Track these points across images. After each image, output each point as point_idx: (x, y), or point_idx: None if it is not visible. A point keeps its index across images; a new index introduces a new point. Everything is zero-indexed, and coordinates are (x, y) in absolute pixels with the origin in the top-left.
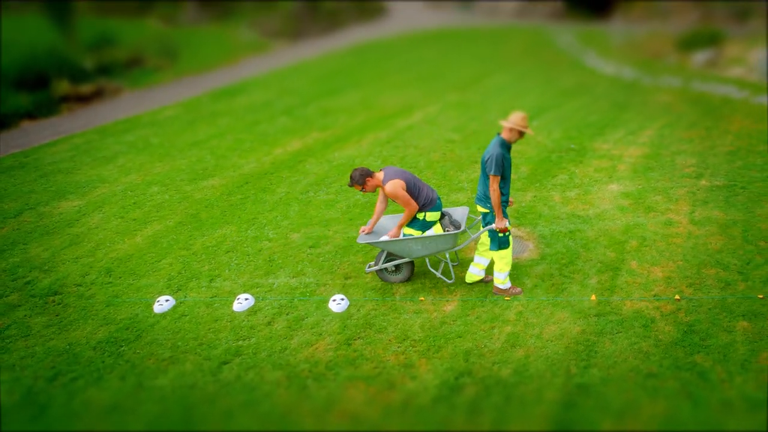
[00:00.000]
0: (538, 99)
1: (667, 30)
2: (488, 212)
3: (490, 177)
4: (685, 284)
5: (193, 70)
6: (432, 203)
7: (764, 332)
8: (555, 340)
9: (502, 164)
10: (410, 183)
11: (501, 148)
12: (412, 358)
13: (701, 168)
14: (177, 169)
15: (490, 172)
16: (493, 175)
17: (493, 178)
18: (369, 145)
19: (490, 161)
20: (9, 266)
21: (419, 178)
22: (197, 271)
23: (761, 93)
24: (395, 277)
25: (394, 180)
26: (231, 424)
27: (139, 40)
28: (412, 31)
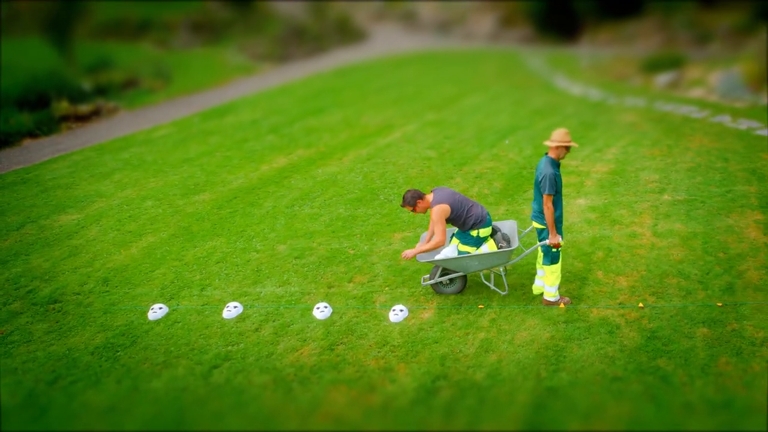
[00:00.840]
0: (510, 118)
1: (631, 53)
2: (544, 228)
3: (544, 196)
4: (648, 293)
5: (185, 91)
6: (483, 220)
7: (723, 338)
8: (526, 345)
9: (555, 183)
10: (456, 206)
11: (552, 168)
12: (391, 362)
13: (664, 183)
14: (170, 184)
15: (544, 192)
16: (548, 194)
17: (546, 197)
18: (351, 162)
19: (544, 181)
20: (12, 276)
21: (468, 198)
22: (189, 280)
23: (720, 113)
24: (449, 289)
25: (441, 205)
26: (221, 425)
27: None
28: (392, 55)
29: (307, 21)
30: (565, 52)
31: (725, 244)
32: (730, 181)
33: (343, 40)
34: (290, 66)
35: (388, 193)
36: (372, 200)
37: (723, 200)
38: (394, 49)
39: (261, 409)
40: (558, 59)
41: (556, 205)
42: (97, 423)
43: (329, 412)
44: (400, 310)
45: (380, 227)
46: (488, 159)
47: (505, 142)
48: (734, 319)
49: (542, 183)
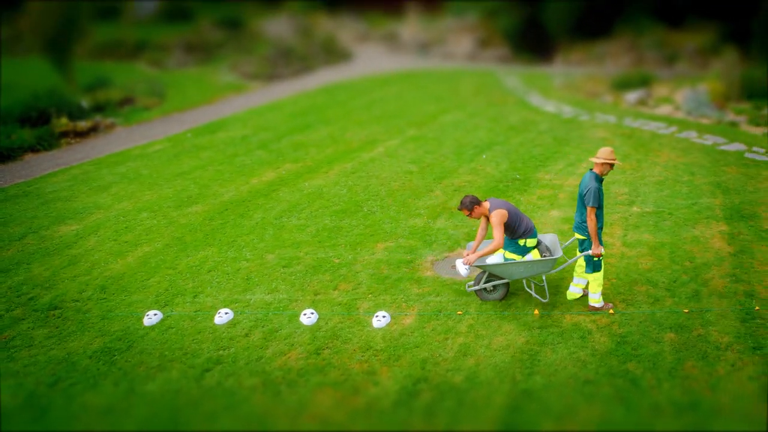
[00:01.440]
0: (487, 134)
1: (602, 72)
2: (585, 239)
3: (588, 208)
4: (618, 300)
5: (178, 108)
6: (530, 231)
7: (689, 343)
8: (502, 350)
9: (599, 196)
10: (513, 213)
11: (596, 182)
12: (374, 366)
13: (633, 196)
14: (164, 197)
15: (588, 204)
16: (591, 207)
17: (590, 209)
18: (336, 176)
19: (589, 194)
20: (14, 284)
21: (519, 210)
22: (182, 288)
23: (686, 129)
24: (492, 296)
25: (500, 210)
26: (213, 425)
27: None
28: (375, 74)
29: (294, 42)
30: (539, 71)
31: (691, 253)
32: (696, 194)
33: (329, 60)
34: (278, 84)
35: (372, 205)
36: (356, 212)
37: (689, 212)
38: (377, 68)
39: (251, 410)
40: (533, 78)
41: (599, 217)
42: (96, 423)
43: (316, 413)
44: (383, 316)
45: (364, 237)
46: (466, 173)
47: (482, 157)
48: (700, 325)
49: (587, 196)
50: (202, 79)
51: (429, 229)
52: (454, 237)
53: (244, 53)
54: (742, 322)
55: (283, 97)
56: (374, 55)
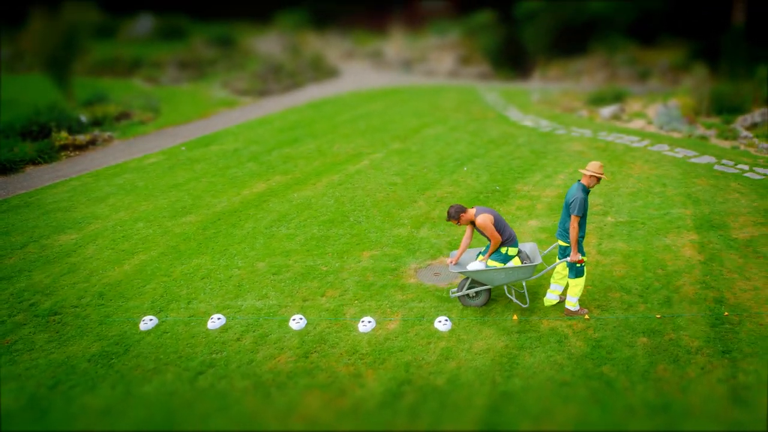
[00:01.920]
0: (468, 147)
1: (578, 88)
2: (568, 246)
3: (572, 216)
4: (593, 305)
5: (173, 122)
6: (512, 240)
7: (661, 347)
8: (482, 353)
9: (584, 206)
10: (498, 220)
11: (583, 193)
12: (360, 369)
13: (607, 206)
14: (159, 207)
15: (573, 213)
16: (575, 215)
17: (574, 217)
18: (324, 187)
19: (575, 203)
20: (16, 290)
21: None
22: (177, 294)
23: (658, 142)
24: (475, 302)
25: (485, 214)
26: (206, 426)
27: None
28: (361, 90)
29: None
30: (518, 87)
31: (663, 261)
32: (668, 205)
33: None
34: (268, 100)
35: (358, 215)
36: (343, 222)
37: (661, 222)
38: (363, 84)
39: (242, 411)
40: (511, 93)
41: (581, 226)
42: (94, 424)
43: (304, 414)
44: (369, 321)
45: (350, 246)
46: (448, 184)
47: (463, 169)
48: (671, 330)
49: (572, 204)
50: (196, 95)
51: (412, 238)
52: (436, 246)
53: (236, 70)
54: (711, 327)
55: (273, 112)
56: (360, 72)
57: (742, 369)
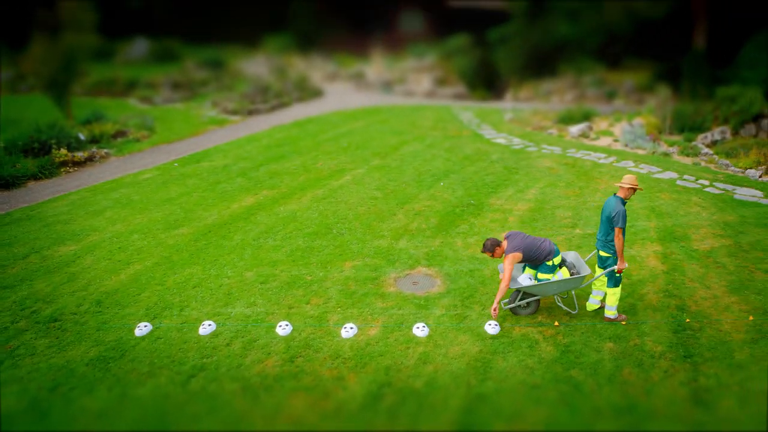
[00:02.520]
0: (444, 164)
1: (548, 108)
2: (610, 256)
3: (616, 228)
4: (562, 312)
5: (166, 140)
6: (552, 253)
7: (627, 352)
8: (458, 358)
9: (626, 218)
10: (527, 250)
11: (622, 205)
12: (343, 372)
13: (576, 219)
14: (153, 220)
15: (617, 225)
16: (619, 227)
17: (618, 229)
18: (308, 201)
19: (618, 216)
20: (18, 298)
21: (536, 237)
22: (170, 302)
23: (624, 159)
24: (525, 311)
25: (513, 254)
26: (198, 426)
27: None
28: (344, 109)
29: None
30: (491, 106)
31: (628, 271)
32: (633, 218)
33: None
34: (256, 119)
35: (340, 228)
36: (326, 234)
37: (627, 234)
38: (345, 104)
39: (232, 412)
40: (485, 113)
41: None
42: (92, 424)
43: (290, 415)
44: (351, 327)
45: (333, 257)
46: (426, 198)
47: (440, 185)
48: (636, 336)
49: (615, 218)
50: (188, 114)
51: (392, 249)
52: (415, 256)
53: (225, 90)
54: (674, 333)
55: (260, 130)
56: (342, 93)
57: (702, 373)
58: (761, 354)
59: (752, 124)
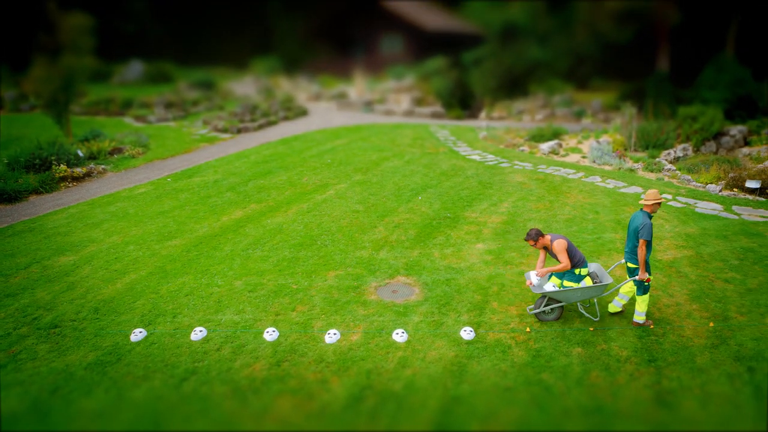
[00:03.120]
0: (422, 179)
1: (520, 126)
2: (637, 267)
3: (641, 240)
4: (533, 319)
5: (160, 157)
6: (583, 262)
7: (594, 356)
8: (435, 362)
9: (652, 231)
10: (570, 245)
11: (649, 219)
12: (326, 375)
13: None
14: (148, 232)
15: (642, 237)
16: (645, 240)
17: (643, 241)
18: (294, 214)
19: (644, 229)
20: (20, 306)
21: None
22: (163, 309)
23: (591, 174)
24: (550, 317)
25: (560, 240)
26: (190, 426)
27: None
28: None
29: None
30: (466, 125)
31: None
32: (600, 230)
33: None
34: (245, 137)
35: (324, 239)
36: (311, 245)
37: (594, 245)
38: (329, 123)
39: (222, 413)
40: (461, 131)
41: (648, 248)
42: (90, 425)
43: (277, 416)
44: (334, 333)
45: (317, 267)
46: (405, 212)
47: (418, 198)
48: (603, 341)
49: (642, 231)
50: (180, 132)
51: (373, 260)
52: (394, 266)
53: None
54: (638, 339)
55: (248, 147)
56: (326, 112)
57: (666, 376)
58: (721, 358)
59: (713, 141)
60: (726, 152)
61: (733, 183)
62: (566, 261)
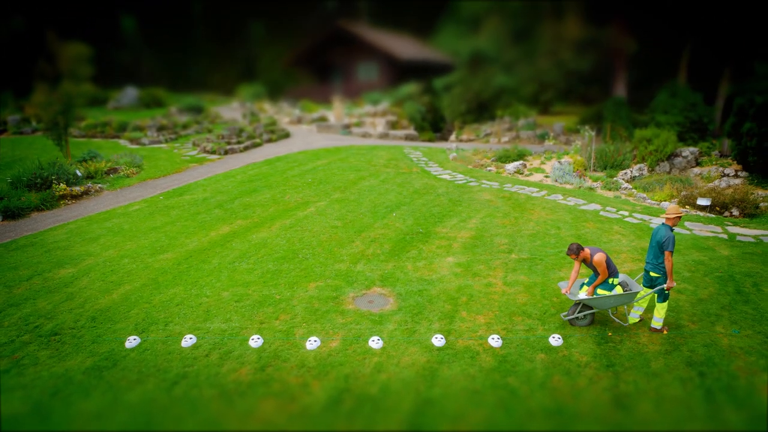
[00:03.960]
0: (396, 197)
1: (487, 148)
2: (660, 276)
3: (666, 252)
4: (500, 327)
5: (153, 176)
6: (615, 273)
7: (556, 362)
8: (408, 367)
9: (674, 242)
10: (608, 258)
11: (672, 232)
12: (307, 379)
13: (511, 246)
14: (141, 246)
15: (667, 249)
16: (669, 251)
17: (669, 253)
18: (277, 230)
19: (668, 242)
20: (23, 315)
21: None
22: (156, 318)
23: (554, 192)
24: (583, 323)
25: (600, 253)
26: (181, 426)
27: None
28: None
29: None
30: (437, 146)
31: (557, 291)
32: (562, 244)
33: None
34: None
35: (305, 253)
36: (293, 258)
37: (556, 258)
38: (310, 145)
39: (210, 414)
40: (432, 152)
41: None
42: (88, 425)
43: (262, 417)
44: (315, 340)
45: (299, 278)
46: (380, 227)
47: (392, 215)
48: (565, 348)
49: (666, 243)
50: (172, 153)
51: (351, 272)
52: (370, 278)
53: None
54: (597, 345)
55: (235, 167)
56: (307, 135)
57: (623, 380)
58: (674, 363)
59: (666, 162)
60: (679, 172)
61: (685, 201)
62: (606, 272)
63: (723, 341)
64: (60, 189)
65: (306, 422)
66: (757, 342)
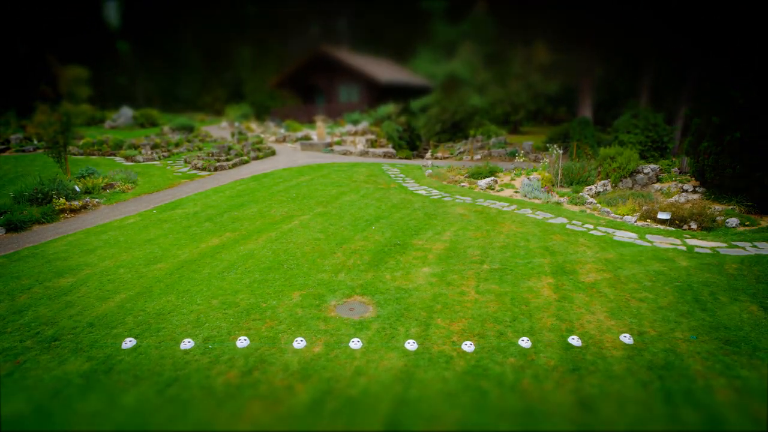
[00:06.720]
0: (375, 211)
1: (461, 165)
2: None
3: None
4: (473, 333)
5: (147, 191)
6: None
7: (525, 366)
8: (387, 371)
9: None
10: None
11: None
12: (292, 382)
13: (483, 257)
14: (136, 257)
15: None
16: None
17: None
18: (264, 242)
19: None
20: (25, 322)
21: None
22: (150, 324)
23: (523, 207)
24: None
25: None
26: (173, 426)
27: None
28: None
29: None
30: (414, 163)
31: (527, 299)
32: (531, 255)
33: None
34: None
35: (290, 264)
36: (278, 268)
37: (525, 269)
38: (294, 162)
39: (201, 415)
40: (409, 169)
41: None
42: (86, 425)
43: (249, 418)
44: (299, 345)
45: (284, 287)
46: (360, 240)
47: (372, 228)
48: (533, 352)
49: None
50: (164, 170)
51: (332, 281)
52: (351, 287)
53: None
54: (564, 351)
55: (224, 183)
56: (291, 153)
57: (588, 383)
58: (635, 368)
59: (629, 178)
60: (640, 188)
61: (646, 215)
62: None
63: (682, 346)
64: (60, 203)
65: (291, 422)
66: (713, 347)
